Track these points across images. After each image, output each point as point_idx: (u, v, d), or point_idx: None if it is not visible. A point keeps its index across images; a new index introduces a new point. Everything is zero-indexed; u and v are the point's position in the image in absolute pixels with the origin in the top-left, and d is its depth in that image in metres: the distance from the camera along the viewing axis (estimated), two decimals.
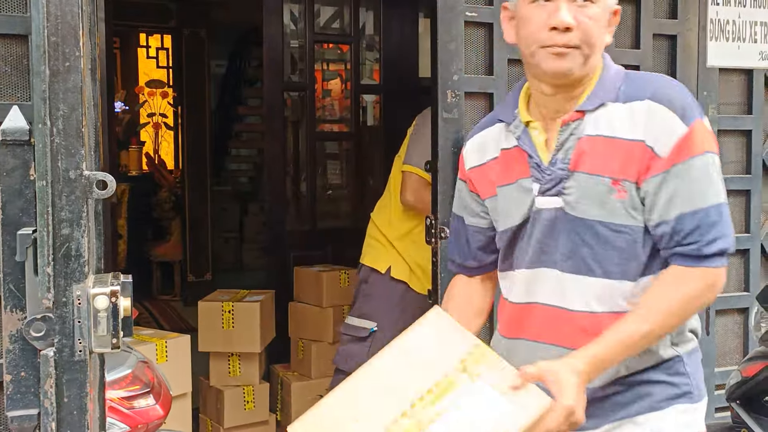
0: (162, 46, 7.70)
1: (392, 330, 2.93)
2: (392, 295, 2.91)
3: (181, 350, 2.96)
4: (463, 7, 2.52)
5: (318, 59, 5.19)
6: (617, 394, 1.49)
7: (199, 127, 6.74)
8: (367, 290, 2.93)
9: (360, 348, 2.91)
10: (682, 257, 1.42)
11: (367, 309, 2.93)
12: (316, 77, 4.80)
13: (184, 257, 6.97)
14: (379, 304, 2.91)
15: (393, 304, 2.92)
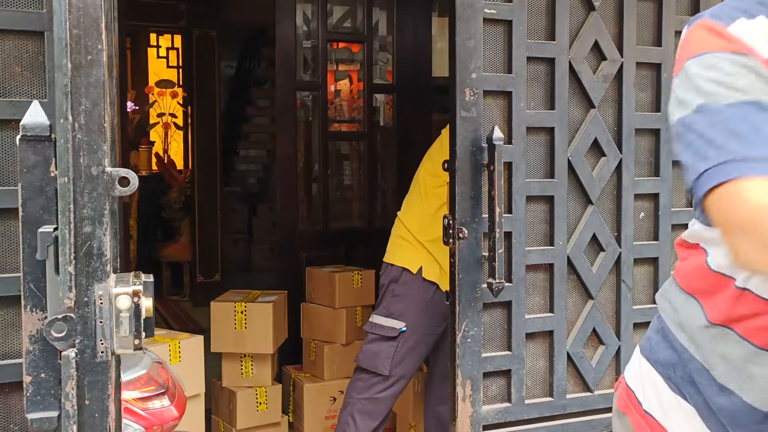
0: (172, 46, 7.69)
1: (420, 330, 2.91)
2: (423, 296, 2.89)
3: (194, 351, 2.94)
4: (482, 4, 2.49)
5: (330, 59, 5.16)
6: None
7: (208, 127, 6.73)
8: (397, 290, 2.90)
9: (387, 347, 2.88)
10: None
11: (396, 308, 2.91)
12: (328, 73, 4.78)
13: (193, 258, 6.96)
14: (410, 304, 2.89)
15: (423, 304, 2.90)
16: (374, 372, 2.91)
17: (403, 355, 2.90)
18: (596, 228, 2.71)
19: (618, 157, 2.73)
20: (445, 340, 3.05)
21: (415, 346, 2.92)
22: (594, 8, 2.67)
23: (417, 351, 2.94)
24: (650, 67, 2.79)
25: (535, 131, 2.62)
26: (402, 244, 2.96)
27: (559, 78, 2.62)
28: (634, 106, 2.75)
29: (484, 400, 2.53)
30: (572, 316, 2.70)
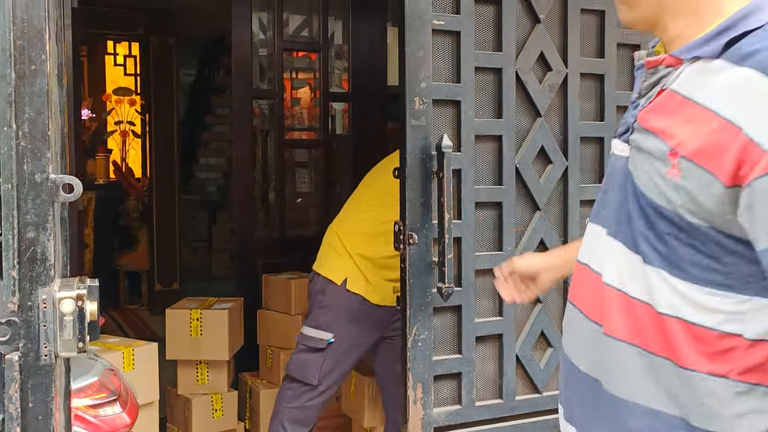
0: (130, 54, 7.65)
1: (348, 341, 2.96)
2: (350, 307, 2.93)
3: (149, 358, 2.94)
4: (431, 16, 2.55)
5: (287, 67, 5.20)
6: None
7: (167, 135, 6.71)
8: (324, 302, 2.95)
9: (316, 358, 2.93)
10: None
11: (324, 320, 2.95)
12: (285, 81, 4.81)
13: (151, 266, 6.92)
14: (337, 315, 2.93)
15: (350, 316, 2.94)
16: (303, 381, 2.96)
17: (332, 366, 2.94)
18: (544, 233, 2.78)
19: (564, 165, 2.81)
20: (386, 346, 3.10)
21: (343, 357, 2.97)
22: (539, 21, 2.75)
23: (345, 361, 2.99)
24: (594, 78, 2.87)
25: (484, 139, 2.69)
26: (331, 254, 3.01)
27: (507, 88, 2.69)
28: (578, 115, 2.83)
29: (435, 402, 2.58)
30: (521, 320, 2.77)
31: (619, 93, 2.92)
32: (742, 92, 1.04)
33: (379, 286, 2.96)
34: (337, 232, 3.05)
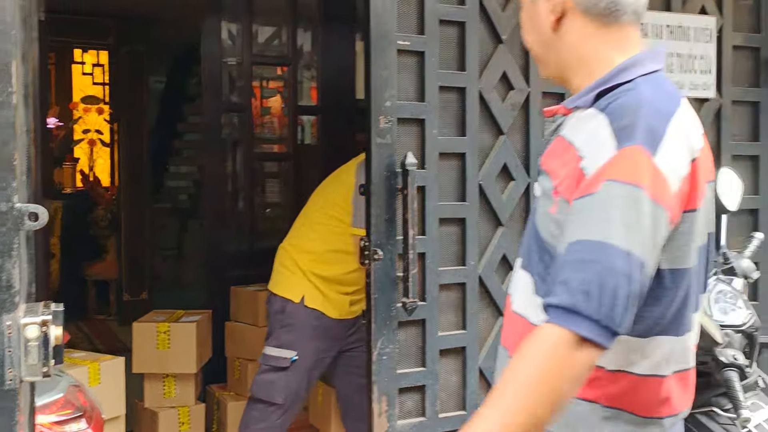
0: (98, 63, 7.62)
1: (312, 357, 2.98)
2: (311, 323, 2.95)
3: (115, 372, 2.95)
4: (396, 36, 2.61)
5: (257, 77, 5.22)
6: None
7: (136, 144, 6.69)
8: (285, 321, 2.96)
9: (281, 377, 2.94)
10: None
11: (286, 339, 2.96)
12: (255, 93, 4.83)
13: (120, 276, 6.88)
14: (299, 333, 2.94)
15: (312, 332, 2.96)
16: (269, 402, 2.97)
17: (297, 383, 2.96)
18: (506, 248, 2.84)
19: (526, 181, 2.88)
20: (345, 359, 3.13)
21: (307, 373, 2.99)
22: (501, 41, 2.82)
23: (310, 377, 3.02)
24: (555, 97, 2.94)
25: (448, 157, 2.74)
26: (284, 273, 3.02)
27: (470, 106, 2.75)
28: (540, 133, 2.90)
29: (400, 414, 2.62)
30: (484, 333, 2.83)
31: None
32: (594, 135, 1.17)
33: (336, 300, 2.99)
34: (289, 251, 3.06)
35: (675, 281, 1.19)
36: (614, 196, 1.09)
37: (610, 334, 1.07)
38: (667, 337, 1.21)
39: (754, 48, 3.44)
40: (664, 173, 1.12)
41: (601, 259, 1.06)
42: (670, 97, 1.22)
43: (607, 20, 1.26)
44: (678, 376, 1.26)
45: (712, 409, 2.07)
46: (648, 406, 1.22)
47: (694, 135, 1.22)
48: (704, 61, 3.27)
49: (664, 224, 1.12)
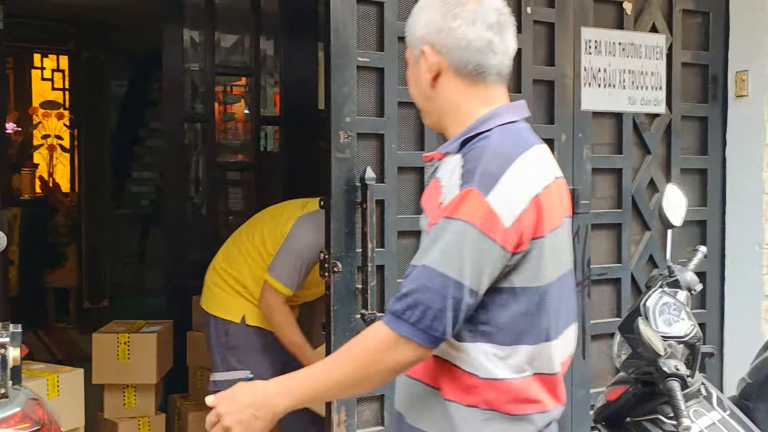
0: (58, 68, 7.54)
1: (265, 372, 2.98)
2: (257, 340, 2.95)
3: (74, 384, 2.94)
4: (356, 53, 2.66)
5: (219, 83, 5.22)
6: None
7: (97, 149, 6.64)
8: (230, 343, 2.94)
9: None
10: None
11: (236, 360, 2.95)
12: (218, 98, 4.83)
13: (80, 283, 6.81)
14: (248, 351, 2.93)
15: (260, 348, 2.96)
16: None
17: None
18: None
19: None
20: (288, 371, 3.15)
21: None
22: None
23: None
24: None
25: (406, 170, 2.80)
26: (219, 294, 3.00)
27: None
28: None
29: (359, 424, 2.66)
30: None
31: (535, 126, 3.05)
32: (451, 176, 1.40)
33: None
34: (220, 273, 3.05)
35: (528, 297, 1.40)
36: (445, 230, 1.35)
37: (429, 337, 1.33)
38: (524, 345, 1.41)
39: (703, 65, 3.56)
40: (496, 210, 1.34)
41: (423, 280, 1.34)
42: (516, 144, 1.42)
43: (475, 79, 1.48)
44: (541, 378, 1.45)
45: (657, 417, 2.16)
46: (517, 405, 1.42)
47: (540, 175, 1.42)
48: (655, 78, 3.38)
49: (493, 252, 1.34)
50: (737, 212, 3.55)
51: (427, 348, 1.35)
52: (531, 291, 1.40)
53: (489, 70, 1.47)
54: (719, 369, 3.57)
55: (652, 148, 3.39)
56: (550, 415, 1.48)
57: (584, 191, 3.16)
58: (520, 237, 1.36)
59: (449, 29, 1.46)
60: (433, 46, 1.48)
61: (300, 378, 1.44)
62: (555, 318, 1.45)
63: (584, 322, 3.20)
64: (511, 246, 1.36)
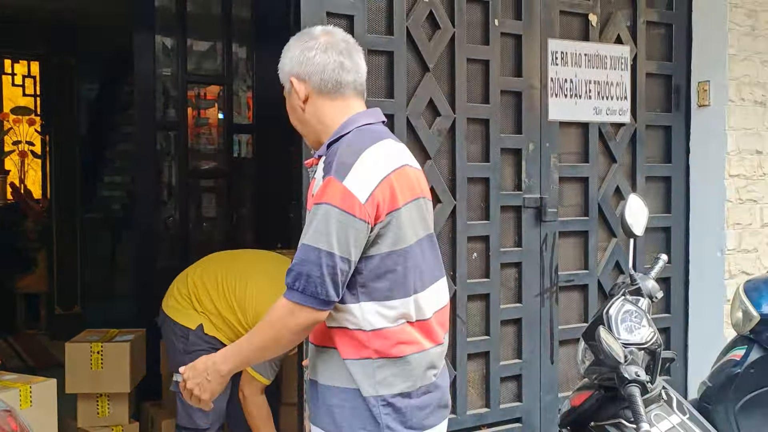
0: (29, 74, 7.47)
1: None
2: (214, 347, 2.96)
3: (47, 394, 2.94)
4: None
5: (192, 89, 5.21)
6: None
7: (68, 155, 6.59)
8: (189, 347, 2.96)
9: None
10: None
11: None
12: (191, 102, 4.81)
13: (51, 289, 6.75)
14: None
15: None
16: (195, 428, 3.01)
17: (218, 403, 2.99)
18: None
19: (452, 204, 3.01)
20: None
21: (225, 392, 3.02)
22: (428, 69, 2.94)
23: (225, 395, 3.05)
24: (479, 122, 3.09)
25: None
26: (183, 303, 3.03)
27: (398, 132, 2.86)
28: (466, 157, 3.04)
29: None
30: None
31: (503, 136, 3.15)
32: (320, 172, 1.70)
33: (231, 331, 3.03)
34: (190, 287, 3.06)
35: (393, 259, 1.69)
36: (315, 214, 1.65)
37: (317, 300, 1.63)
38: (396, 300, 1.70)
39: (666, 75, 3.65)
40: (352, 191, 1.63)
41: (302, 254, 1.64)
42: (366, 139, 1.71)
43: (335, 95, 1.78)
44: (416, 324, 1.74)
45: (620, 421, 2.22)
46: (399, 347, 1.70)
47: (390, 161, 1.71)
48: (620, 88, 3.46)
49: (355, 224, 1.62)
50: (700, 219, 3.65)
51: (319, 310, 1.64)
52: (395, 254, 1.69)
53: (346, 86, 1.78)
54: (683, 373, 3.66)
55: (618, 156, 3.47)
56: (429, 354, 1.76)
57: (552, 199, 3.23)
58: (377, 210, 1.65)
59: (307, 59, 1.77)
60: (298, 76, 1.79)
61: (234, 346, 1.81)
62: (419, 274, 1.74)
63: (552, 328, 3.28)
64: (370, 218, 1.64)
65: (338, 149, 1.68)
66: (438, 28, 2.97)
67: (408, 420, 1.71)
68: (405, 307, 1.71)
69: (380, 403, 1.69)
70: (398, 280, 1.69)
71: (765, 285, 2.74)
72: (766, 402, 2.61)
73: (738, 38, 3.62)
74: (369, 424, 1.69)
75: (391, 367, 1.70)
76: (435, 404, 1.77)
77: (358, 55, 1.82)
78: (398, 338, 1.70)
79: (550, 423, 3.24)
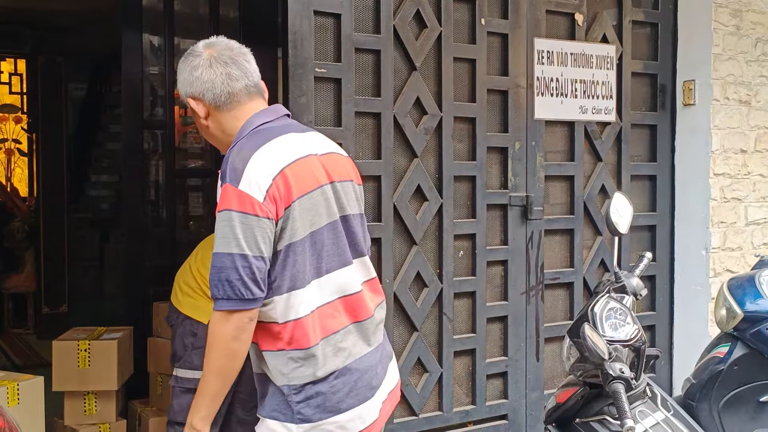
0: (15, 72, 7.43)
1: None
2: None
3: (34, 392, 2.93)
4: (313, 64, 2.71)
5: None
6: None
7: (55, 153, 6.56)
8: (196, 343, 2.94)
9: None
10: None
11: (200, 360, 2.92)
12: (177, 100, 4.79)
13: (38, 288, 6.73)
14: None
15: None
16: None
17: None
18: (420, 266, 2.98)
19: (439, 202, 3.02)
20: None
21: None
22: (415, 68, 2.96)
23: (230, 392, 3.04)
24: (466, 121, 3.11)
25: (364, 179, 2.80)
26: (190, 293, 2.99)
27: (385, 131, 2.88)
28: (452, 156, 3.05)
29: None
30: (399, 347, 2.95)
31: (490, 135, 3.17)
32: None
33: None
34: (193, 273, 3.06)
35: (295, 249, 1.74)
36: (219, 222, 1.70)
37: (243, 301, 1.68)
38: (302, 290, 1.75)
39: (652, 74, 3.68)
40: (249, 193, 1.68)
41: (217, 263, 1.69)
42: (257, 142, 1.76)
43: (230, 106, 1.85)
44: (323, 309, 1.79)
45: (604, 418, 2.24)
46: (306, 339, 1.75)
47: (283, 156, 1.76)
48: (606, 87, 3.49)
49: (258, 222, 1.68)
50: (685, 218, 3.68)
51: (249, 309, 1.70)
52: (293, 245, 1.73)
53: (238, 93, 1.85)
54: (668, 370, 3.69)
55: (603, 155, 3.49)
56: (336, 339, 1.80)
57: (537, 198, 3.26)
58: (277, 205, 1.71)
59: (195, 79, 1.85)
60: (193, 96, 1.87)
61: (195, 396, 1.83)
62: (328, 257, 1.81)
63: (538, 326, 3.30)
64: (272, 214, 1.70)
65: (230, 156, 1.75)
66: (425, 27, 2.99)
67: (321, 404, 1.76)
68: (303, 296, 1.75)
69: (292, 391, 1.75)
70: (300, 270, 1.74)
71: (749, 283, 2.76)
72: (750, 398, 2.63)
73: (723, 38, 3.65)
74: (284, 409, 1.77)
75: (301, 356, 1.75)
76: (350, 387, 1.80)
77: (244, 58, 1.88)
78: (304, 329, 1.75)
79: (535, 420, 3.26)
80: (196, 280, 3.03)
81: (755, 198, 3.76)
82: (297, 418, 1.74)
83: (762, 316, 2.59)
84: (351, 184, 1.93)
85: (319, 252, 1.79)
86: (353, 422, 1.79)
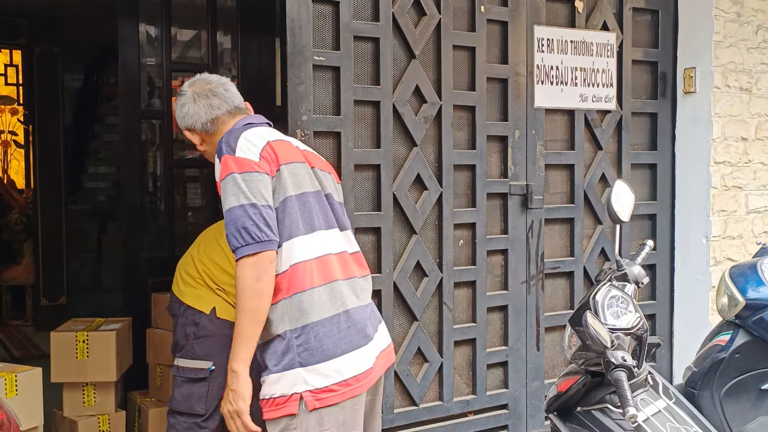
0: (11, 63, 7.39)
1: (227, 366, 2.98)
2: (224, 333, 2.92)
3: (32, 383, 2.92)
4: (312, 52, 2.69)
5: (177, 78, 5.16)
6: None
7: (52, 145, 6.53)
8: (198, 333, 2.92)
9: (199, 388, 2.91)
10: None
11: (201, 350, 2.93)
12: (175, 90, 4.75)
13: (36, 280, 6.71)
14: (213, 343, 2.89)
15: (226, 341, 2.93)
16: (190, 413, 2.97)
17: (217, 392, 2.96)
18: (420, 256, 2.96)
19: (439, 191, 3.00)
20: None
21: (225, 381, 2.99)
22: (414, 56, 2.93)
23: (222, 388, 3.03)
24: (466, 110, 3.09)
25: (363, 168, 2.84)
26: (192, 283, 2.97)
27: (384, 119, 2.86)
28: (452, 144, 3.03)
29: None
30: (399, 337, 2.94)
31: (489, 123, 3.15)
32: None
33: None
34: (196, 264, 3.04)
35: (290, 205, 1.95)
36: (225, 186, 1.92)
37: (262, 243, 1.87)
38: (298, 238, 1.95)
39: (652, 62, 3.66)
40: (244, 156, 1.93)
41: (230, 217, 1.89)
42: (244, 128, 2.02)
43: (219, 128, 2.15)
44: (317, 260, 1.97)
45: (606, 406, 2.23)
46: (302, 283, 1.94)
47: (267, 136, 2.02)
48: (606, 75, 3.47)
49: (259, 176, 1.91)
50: (686, 206, 3.67)
51: (269, 250, 1.88)
52: (288, 200, 1.95)
53: (221, 117, 2.16)
54: (669, 358, 3.69)
55: (604, 143, 3.48)
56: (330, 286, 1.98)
57: (537, 187, 3.24)
58: (270, 165, 1.94)
59: (186, 114, 2.18)
60: (187, 128, 2.20)
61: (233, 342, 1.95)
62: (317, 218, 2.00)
63: (538, 315, 3.29)
64: (268, 170, 1.94)
65: (222, 140, 2.01)
66: (424, 14, 2.96)
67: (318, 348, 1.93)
68: (304, 244, 1.96)
69: (293, 335, 1.93)
70: (296, 221, 1.95)
71: (750, 271, 2.75)
72: (751, 386, 2.63)
73: (724, 25, 3.63)
74: (286, 359, 1.93)
75: (298, 299, 1.93)
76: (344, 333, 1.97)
77: (223, 88, 2.19)
78: (301, 275, 1.94)
79: (536, 409, 3.26)
80: (197, 270, 3.01)
81: (756, 186, 3.75)
82: (297, 362, 1.91)
83: (764, 304, 2.58)
84: (331, 176, 2.15)
85: (309, 211, 2.00)
86: (349, 368, 1.95)
